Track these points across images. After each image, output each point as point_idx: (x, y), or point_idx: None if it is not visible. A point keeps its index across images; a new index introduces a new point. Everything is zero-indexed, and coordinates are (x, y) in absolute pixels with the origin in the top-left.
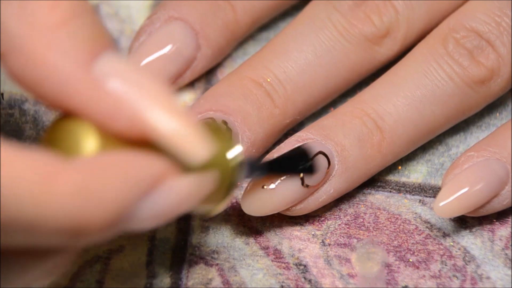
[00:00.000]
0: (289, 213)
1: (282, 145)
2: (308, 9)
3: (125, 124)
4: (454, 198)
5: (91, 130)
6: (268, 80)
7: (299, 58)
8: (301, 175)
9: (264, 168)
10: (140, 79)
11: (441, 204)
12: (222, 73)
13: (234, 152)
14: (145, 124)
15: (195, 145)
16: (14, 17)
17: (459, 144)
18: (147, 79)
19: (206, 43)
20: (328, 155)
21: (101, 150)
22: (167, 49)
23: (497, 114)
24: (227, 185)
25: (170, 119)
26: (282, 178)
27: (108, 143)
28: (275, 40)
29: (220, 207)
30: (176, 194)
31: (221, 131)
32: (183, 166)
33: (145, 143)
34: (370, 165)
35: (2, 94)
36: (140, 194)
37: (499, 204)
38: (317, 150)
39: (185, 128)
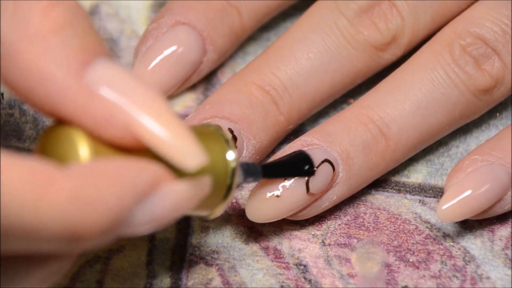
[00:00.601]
0: (290, 218)
1: (286, 148)
2: (314, 12)
3: (118, 131)
4: (456, 203)
5: (85, 137)
6: (275, 87)
7: (306, 65)
8: (306, 179)
9: (260, 172)
10: (132, 86)
11: (444, 207)
12: (222, 73)
13: (230, 156)
14: (137, 131)
15: (187, 153)
16: (6, 24)
17: (459, 144)
18: (139, 86)
19: (213, 48)
20: (333, 162)
21: (95, 157)
22: (174, 54)
23: (497, 114)
24: (224, 189)
25: (162, 126)
26: (285, 184)
27: (102, 150)
28: (280, 42)
29: (218, 211)
30: (172, 199)
31: (216, 135)
32: (178, 171)
33: (139, 150)
34: (373, 172)
35: (2, 94)
36: (136, 199)
37: (500, 208)
38: (323, 157)
39: (177, 136)
